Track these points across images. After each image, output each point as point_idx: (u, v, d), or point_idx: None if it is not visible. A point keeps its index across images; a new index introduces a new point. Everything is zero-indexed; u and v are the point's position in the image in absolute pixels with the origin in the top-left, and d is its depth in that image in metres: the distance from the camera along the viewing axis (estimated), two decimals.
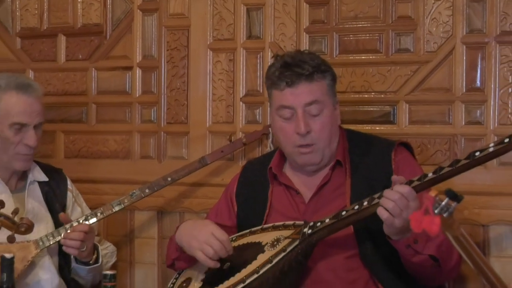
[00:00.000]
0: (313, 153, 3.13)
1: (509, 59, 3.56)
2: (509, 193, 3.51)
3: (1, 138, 3.51)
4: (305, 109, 3.10)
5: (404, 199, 2.73)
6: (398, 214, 2.72)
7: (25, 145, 3.51)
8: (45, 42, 4.36)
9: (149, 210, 4.12)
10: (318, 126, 3.11)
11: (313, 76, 3.10)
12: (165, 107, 4.14)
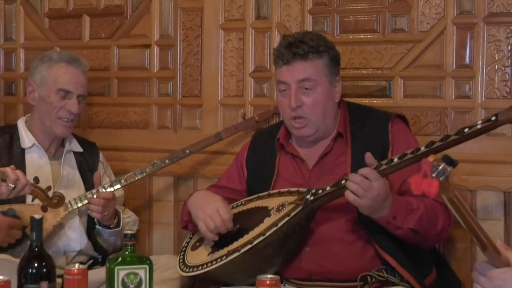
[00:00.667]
0: (306, 127, 3.17)
1: (496, 38, 3.56)
2: (495, 161, 3.52)
3: (47, 102, 3.56)
4: (299, 85, 3.14)
5: (365, 180, 2.77)
6: (362, 194, 2.77)
7: (67, 111, 3.56)
8: (71, 22, 4.36)
9: (167, 176, 4.14)
10: (310, 101, 3.14)
11: (308, 56, 3.13)
12: (180, 82, 4.16)
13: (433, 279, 3.15)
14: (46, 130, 3.62)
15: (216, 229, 3.09)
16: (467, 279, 3.34)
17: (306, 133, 3.20)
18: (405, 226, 2.90)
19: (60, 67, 3.59)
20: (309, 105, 3.14)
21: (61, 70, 3.58)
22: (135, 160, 3.88)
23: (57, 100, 3.55)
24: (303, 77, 3.14)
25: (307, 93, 3.14)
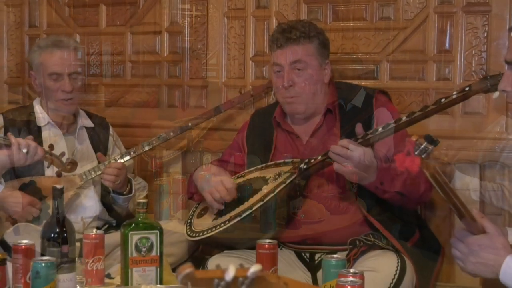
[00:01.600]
0: (297, 104, 3.19)
1: (474, 26, 3.56)
2: (470, 137, 3.55)
3: (45, 88, 3.56)
4: (291, 66, 3.15)
5: (345, 149, 2.79)
6: (343, 162, 2.80)
7: (62, 92, 3.54)
8: (89, 10, 4.35)
9: (175, 150, 4.15)
10: (301, 81, 3.16)
11: (299, 40, 3.15)
12: (188, 65, 4.16)
13: (416, 240, 3.17)
14: (54, 111, 3.62)
15: (221, 199, 3.11)
16: (446, 244, 3.37)
17: (297, 110, 3.22)
18: (391, 190, 2.92)
19: (47, 53, 3.57)
20: (300, 84, 3.15)
21: (48, 55, 3.56)
22: (147, 136, 3.86)
23: (52, 83, 3.54)
24: (294, 59, 3.15)
25: (298, 74, 3.16)
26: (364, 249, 3.08)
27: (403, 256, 2.99)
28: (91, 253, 2.73)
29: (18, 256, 2.53)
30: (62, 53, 3.57)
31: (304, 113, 3.23)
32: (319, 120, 3.25)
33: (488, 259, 2.06)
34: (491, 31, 3.54)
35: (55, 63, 3.54)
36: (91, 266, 2.72)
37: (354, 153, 2.77)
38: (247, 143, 3.44)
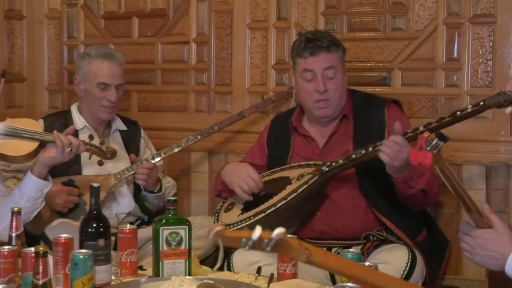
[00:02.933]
0: (328, 108, 3.17)
1: (480, 36, 3.56)
2: (478, 140, 3.53)
3: (90, 94, 3.57)
4: (323, 73, 3.14)
5: (396, 145, 2.78)
6: (394, 157, 2.78)
7: (107, 100, 3.56)
8: (122, 22, 4.37)
9: (202, 151, 4.16)
10: (333, 86, 3.15)
11: (330, 48, 3.14)
12: (214, 73, 4.16)
13: (424, 237, 3.17)
14: (92, 115, 3.64)
15: (250, 190, 3.13)
16: (454, 239, 3.36)
17: (328, 113, 3.20)
18: (417, 187, 2.94)
19: (98, 63, 3.57)
20: (333, 89, 3.15)
21: (99, 66, 3.57)
22: (175, 138, 3.87)
23: (98, 92, 3.55)
24: (327, 65, 3.14)
25: (330, 80, 3.15)
26: (377, 243, 3.08)
27: (414, 250, 2.98)
28: (125, 247, 2.74)
29: (58, 249, 2.54)
30: (112, 65, 3.58)
31: (332, 116, 3.23)
32: (335, 125, 3.25)
33: (495, 252, 2.06)
34: (496, 41, 3.53)
35: (105, 75, 3.56)
36: (125, 258, 2.73)
37: (405, 149, 2.76)
38: (268, 145, 3.44)
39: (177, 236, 2.65)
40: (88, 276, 2.39)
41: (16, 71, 4.44)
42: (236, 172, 3.22)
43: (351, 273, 1.62)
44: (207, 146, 4.10)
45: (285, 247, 1.45)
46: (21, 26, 4.47)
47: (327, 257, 1.57)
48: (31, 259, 2.33)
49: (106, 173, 3.54)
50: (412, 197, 3.00)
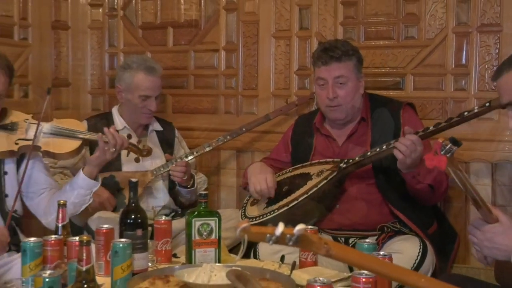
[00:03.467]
0: (339, 111, 3.18)
1: (486, 44, 3.54)
2: (484, 139, 3.52)
3: (132, 103, 3.60)
4: (334, 81, 3.14)
5: (413, 144, 2.79)
6: (408, 155, 2.79)
7: (148, 109, 3.60)
8: (158, 32, 4.37)
9: (230, 150, 4.16)
10: (344, 93, 3.14)
11: (341, 58, 3.13)
12: (241, 78, 4.16)
13: (434, 230, 3.16)
14: (133, 120, 3.67)
15: (260, 191, 3.17)
16: (462, 232, 3.35)
17: (338, 117, 3.21)
18: (425, 182, 2.94)
19: (140, 77, 3.58)
20: (342, 96, 3.15)
21: (141, 80, 3.58)
22: (207, 138, 3.89)
23: (140, 102, 3.58)
24: (338, 74, 3.14)
25: (340, 87, 3.15)
26: (391, 235, 3.08)
27: (425, 241, 2.98)
28: (160, 236, 2.75)
29: (100, 238, 2.56)
30: (154, 79, 3.61)
31: (344, 120, 3.23)
32: (354, 126, 3.25)
33: (502, 244, 2.05)
34: (502, 48, 3.50)
35: (147, 87, 3.58)
36: (160, 247, 2.74)
37: (419, 148, 2.79)
38: (292, 144, 3.45)
39: (208, 227, 2.66)
40: (127, 263, 2.40)
41: (62, 77, 4.47)
42: (257, 173, 3.26)
43: (366, 265, 1.62)
44: (235, 145, 4.10)
45: (306, 242, 1.45)
46: (66, 35, 4.49)
47: (344, 250, 1.57)
48: (75, 247, 2.35)
49: (143, 169, 3.57)
50: (421, 191, 2.99)
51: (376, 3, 3.77)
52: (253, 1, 4.09)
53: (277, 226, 1.45)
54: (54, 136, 3.12)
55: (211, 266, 2.41)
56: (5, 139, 3.02)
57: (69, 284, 2.17)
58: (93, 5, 4.55)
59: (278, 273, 2.48)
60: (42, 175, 3.14)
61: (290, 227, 1.46)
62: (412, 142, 2.79)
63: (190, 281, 2.33)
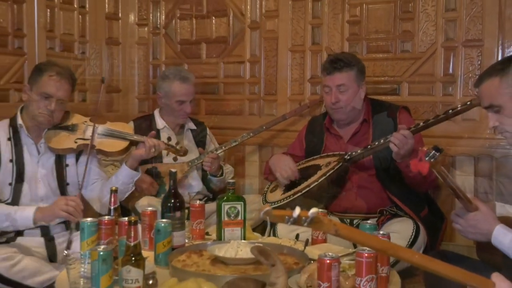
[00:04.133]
0: (340, 113, 3.19)
1: (470, 56, 3.52)
2: (467, 137, 3.51)
3: (170, 107, 3.61)
4: (336, 88, 3.14)
5: (405, 138, 2.78)
6: (401, 147, 2.78)
7: (184, 111, 3.60)
8: (193, 47, 4.38)
9: (253, 145, 4.16)
10: (345, 98, 3.14)
11: (343, 69, 3.12)
12: (263, 85, 4.15)
13: (426, 213, 3.13)
14: (172, 120, 3.67)
15: (288, 177, 3.16)
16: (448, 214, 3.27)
17: (340, 117, 3.22)
18: None
19: (176, 85, 3.58)
20: (343, 100, 3.14)
21: (177, 88, 3.58)
22: (233, 135, 3.87)
23: (177, 106, 3.58)
24: (339, 83, 3.13)
25: (342, 93, 3.14)
26: (389, 217, 3.07)
27: (418, 223, 2.97)
28: (195, 217, 2.76)
29: (145, 218, 2.59)
30: (188, 86, 3.60)
31: (345, 120, 3.23)
32: (357, 126, 3.24)
33: (484, 229, 2.05)
34: (483, 60, 3.48)
35: (183, 94, 3.58)
36: (195, 226, 2.75)
37: (410, 141, 2.78)
38: (306, 141, 3.44)
39: (235, 210, 2.67)
40: (168, 240, 2.41)
41: (114, 84, 4.50)
42: (279, 162, 3.24)
43: (368, 244, 1.62)
44: (258, 141, 4.09)
45: (318, 223, 1.46)
46: (118, 50, 4.51)
47: (350, 231, 1.58)
48: (125, 226, 2.36)
49: (181, 161, 3.57)
50: (414, 179, 2.96)
51: (377, 22, 3.75)
52: (273, 20, 4.08)
53: (294, 209, 1.46)
54: (107, 137, 3.15)
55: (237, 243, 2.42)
56: (67, 138, 3.08)
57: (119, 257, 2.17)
58: (140, 24, 4.56)
59: (293, 249, 2.48)
60: (95, 168, 3.18)
61: (305, 210, 1.47)
62: (404, 136, 2.79)
63: (220, 255, 2.33)
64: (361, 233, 1.67)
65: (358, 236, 1.57)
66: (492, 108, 2.11)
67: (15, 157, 2.99)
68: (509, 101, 2.06)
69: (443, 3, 3.56)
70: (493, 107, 2.10)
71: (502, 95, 2.06)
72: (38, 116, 2.96)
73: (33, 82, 2.98)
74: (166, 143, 3.28)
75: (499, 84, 2.06)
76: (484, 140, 3.47)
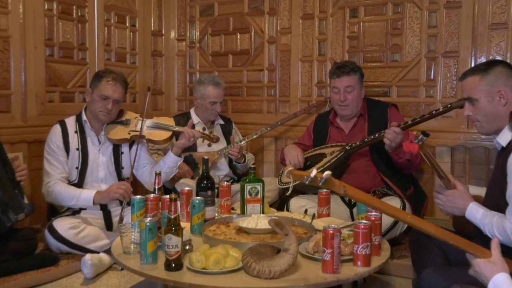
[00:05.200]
0: (347, 110, 3.15)
1: (448, 65, 3.47)
2: (446, 131, 3.45)
3: (204, 106, 3.60)
4: (344, 89, 3.10)
5: (396, 133, 2.76)
6: (393, 140, 2.78)
7: (215, 110, 3.59)
8: (222, 57, 4.36)
9: (270, 137, 4.13)
10: (351, 97, 3.11)
11: (349, 73, 3.10)
12: (278, 89, 4.11)
13: (411, 192, 3.10)
14: (205, 116, 3.65)
15: (295, 165, 3.13)
16: (430, 194, 3.29)
17: (347, 113, 3.18)
18: (404, 157, 2.90)
19: (210, 89, 3.56)
20: (350, 99, 3.12)
21: (211, 91, 3.56)
22: (254, 129, 3.87)
23: (210, 106, 3.57)
24: (347, 84, 3.11)
25: (349, 93, 3.12)
26: (380, 196, 3.04)
27: (404, 200, 2.94)
28: (223, 195, 2.76)
29: (183, 196, 2.59)
30: (219, 90, 3.59)
31: (350, 115, 3.19)
32: (356, 120, 3.21)
33: (459, 205, 2.05)
34: (459, 68, 3.43)
35: (215, 96, 3.57)
36: (223, 203, 2.75)
37: (400, 136, 2.77)
38: (313, 133, 3.41)
39: (255, 189, 2.66)
40: (201, 213, 2.41)
41: (158, 88, 4.51)
42: (290, 152, 3.23)
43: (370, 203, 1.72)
44: (274, 134, 4.07)
45: (330, 183, 1.52)
46: (161, 60, 4.52)
47: (356, 192, 1.61)
48: (167, 202, 2.38)
49: (211, 151, 3.57)
50: (402, 164, 2.95)
51: (371, 37, 3.71)
52: (286, 36, 4.04)
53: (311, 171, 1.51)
54: (154, 129, 3.17)
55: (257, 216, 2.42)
56: (122, 131, 3.10)
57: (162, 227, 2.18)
58: (179, 39, 4.56)
59: (303, 221, 2.47)
60: (145, 155, 3.20)
61: (320, 172, 1.52)
62: (395, 132, 2.76)
63: (243, 226, 2.33)
64: (364, 195, 1.71)
65: (362, 196, 1.61)
66: (470, 100, 2.10)
67: (81, 146, 3.03)
68: (484, 96, 2.05)
69: (426, 21, 3.51)
70: (471, 99, 2.09)
71: (479, 91, 2.05)
72: (98, 114, 3.00)
73: (93, 86, 3.02)
74: (201, 132, 3.29)
75: (479, 82, 2.05)
76: (459, 133, 3.43)
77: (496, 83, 2.03)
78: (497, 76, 2.03)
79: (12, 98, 3.35)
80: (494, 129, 2.07)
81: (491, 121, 2.05)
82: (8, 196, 2.51)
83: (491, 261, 1.47)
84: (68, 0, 3.65)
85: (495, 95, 2.03)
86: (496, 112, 2.04)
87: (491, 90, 2.03)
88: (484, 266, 1.46)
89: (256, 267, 1.89)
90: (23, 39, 3.37)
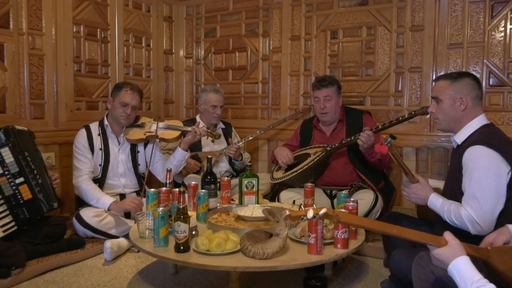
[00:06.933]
0: (327, 116, 3.12)
1: (413, 79, 3.45)
2: (411, 134, 3.43)
3: (207, 111, 3.57)
4: (324, 98, 3.09)
5: (368, 136, 2.75)
6: (366, 142, 2.76)
7: (216, 113, 3.56)
8: (223, 72, 4.31)
9: (263, 139, 4.10)
10: (330, 105, 3.09)
11: (327, 86, 3.08)
12: (270, 98, 4.09)
13: (382, 186, 3.08)
14: (208, 120, 3.62)
15: (286, 162, 3.11)
16: (398, 187, 3.27)
17: (327, 119, 3.15)
18: (376, 157, 2.89)
19: (211, 95, 3.55)
20: (329, 107, 3.09)
21: (212, 96, 3.54)
22: (250, 132, 3.84)
23: (211, 109, 3.54)
24: (326, 95, 3.09)
25: (328, 102, 3.09)
26: (356, 189, 3.03)
27: (377, 193, 2.93)
28: (224, 188, 2.75)
29: (190, 189, 2.58)
30: (218, 96, 3.57)
31: (329, 121, 3.16)
32: (335, 125, 3.19)
33: (422, 195, 2.04)
34: (422, 81, 3.41)
35: (215, 100, 3.54)
36: (224, 195, 2.73)
37: (372, 139, 2.75)
38: (300, 135, 3.38)
39: (251, 183, 2.65)
40: (206, 204, 2.40)
41: (169, 97, 4.49)
42: (280, 152, 3.20)
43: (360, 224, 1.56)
44: (266, 136, 4.04)
45: (326, 216, 1.42)
46: (172, 75, 4.50)
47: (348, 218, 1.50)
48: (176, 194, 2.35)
49: (214, 150, 3.55)
50: (374, 162, 2.94)
51: (349, 55, 3.69)
52: (277, 54, 4.02)
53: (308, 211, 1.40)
54: (166, 129, 3.16)
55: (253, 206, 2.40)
56: (138, 132, 3.11)
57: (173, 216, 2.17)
58: (187, 57, 4.53)
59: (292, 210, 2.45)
60: (158, 153, 3.19)
61: (317, 208, 1.42)
62: (368, 135, 2.75)
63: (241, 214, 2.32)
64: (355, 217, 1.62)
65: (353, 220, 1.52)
66: (436, 99, 2.10)
67: (103, 147, 3.02)
68: (448, 99, 2.05)
69: (395, 41, 3.50)
70: (437, 99, 2.09)
71: (446, 94, 2.05)
72: (119, 118, 3.00)
73: (114, 96, 3.02)
74: (206, 130, 3.28)
75: (448, 86, 2.05)
76: (423, 136, 3.41)
77: (460, 91, 2.03)
78: (463, 85, 2.03)
79: (45, 106, 3.35)
80: (449, 128, 2.08)
81: (448, 121, 2.06)
82: (48, 187, 2.59)
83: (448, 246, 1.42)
84: (93, 24, 3.65)
85: (457, 100, 2.03)
86: (455, 114, 2.04)
87: (455, 96, 2.03)
88: (443, 252, 1.39)
89: (252, 249, 1.88)
90: (55, 57, 3.37)
